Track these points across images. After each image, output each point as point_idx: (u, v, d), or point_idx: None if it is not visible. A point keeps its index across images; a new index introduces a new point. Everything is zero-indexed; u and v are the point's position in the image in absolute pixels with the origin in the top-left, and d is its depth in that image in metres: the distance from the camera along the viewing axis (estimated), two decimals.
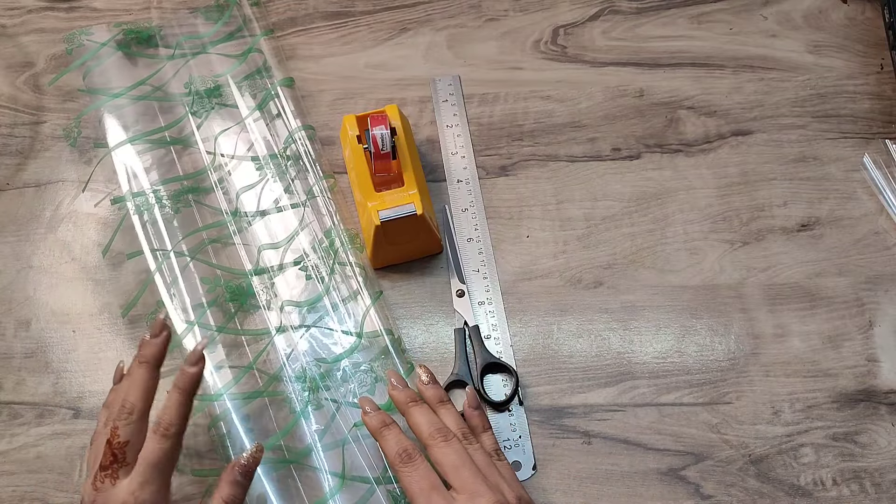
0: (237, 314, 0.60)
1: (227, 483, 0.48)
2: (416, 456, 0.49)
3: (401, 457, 0.49)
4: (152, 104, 0.67)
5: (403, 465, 0.48)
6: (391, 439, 0.50)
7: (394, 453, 0.49)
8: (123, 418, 0.48)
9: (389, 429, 0.51)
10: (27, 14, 0.74)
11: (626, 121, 0.66)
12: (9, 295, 0.63)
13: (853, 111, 0.66)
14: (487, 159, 0.66)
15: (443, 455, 0.49)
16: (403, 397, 0.52)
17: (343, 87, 0.69)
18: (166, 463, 0.48)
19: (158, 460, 0.48)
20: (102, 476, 0.48)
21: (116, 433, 0.48)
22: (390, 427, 0.51)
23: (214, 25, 0.70)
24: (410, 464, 0.48)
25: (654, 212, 0.63)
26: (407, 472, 0.48)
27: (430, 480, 0.48)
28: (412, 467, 0.48)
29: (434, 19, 0.71)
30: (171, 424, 0.48)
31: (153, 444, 0.48)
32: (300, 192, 0.63)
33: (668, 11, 0.70)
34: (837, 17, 0.69)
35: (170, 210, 0.63)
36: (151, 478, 0.47)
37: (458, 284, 0.61)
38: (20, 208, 0.66)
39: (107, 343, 0.61)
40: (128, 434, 0.48)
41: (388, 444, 0.50)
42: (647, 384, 0.58)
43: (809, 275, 0.60)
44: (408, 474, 0.48)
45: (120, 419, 0.48)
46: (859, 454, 0.55)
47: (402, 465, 0.49)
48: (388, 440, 0.50)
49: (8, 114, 0.70)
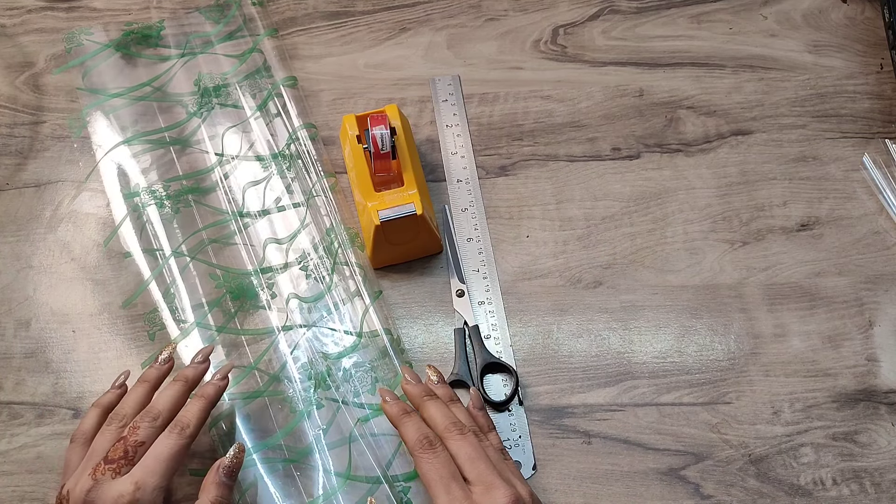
0: (237, 314, 0.60)
1: (212, 484, 0.49)
2: (437, 443, 0.49)
3: (421, 443, 0.49)
4: (152, 104, 0.67)
5: (424, 452, 0.48)
6: (411, 426, 0.50)
7: (414, 440, 0.49)
8: (148, 421, 0.50)
9: (410, 416, 0.51)
10: (27, 14, 0.74)
11: (626, 120, 0.66)
12: (8, 295, 0.63)
13: (853, 111, 0.66)
14: (487, 159, 0.66)
15: (459, 447, 0.49)
16: (418, 391, 0.53)
17: (343, 87, 0.69)
18: (174, 461, 0.49)
19: (169, 456, 0.48)
20: (105, 468, 0.48)
21: (136, 431, 0.49)
22: (411, 415, 0.51)
23: (216, 26, 0.70)
24: (432, 450, 0.48)
25: (653, 212, 0.63)
26: (428, 458, 0.48)
27: (451, 469, 0.48)
28: (434, 454, 0.48)
29: (434, 19, 0.71)
30: (189, 426, 0.50)
31: (168, 440, 0.49)
32: (301, 191, 0.63)
33: (668, 11, 0.70)
34: (837, 16, 0.69)
35: (170, 210, 0.63)
36: (157, 472, 0.48)
37: (457, 284, 0.61)
38: (20, 208, 0.66)
39: (106, 343, 0.61)
40: (146, 436, 0.49)
41: (408, 430, 0.50)
42: (646, 384, 0.58)
43: (809, 275, 0.60)
44: (428, 461, 0.48)
45: (144, 420, 0.50)
46: (859, 454, 0.55)
47: (422, 451, 0.49)
48: (409, 427, 0.50)
49: (7, 114, 0.69)
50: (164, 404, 0.51)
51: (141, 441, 0.49)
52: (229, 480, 0.50)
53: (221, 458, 0.50)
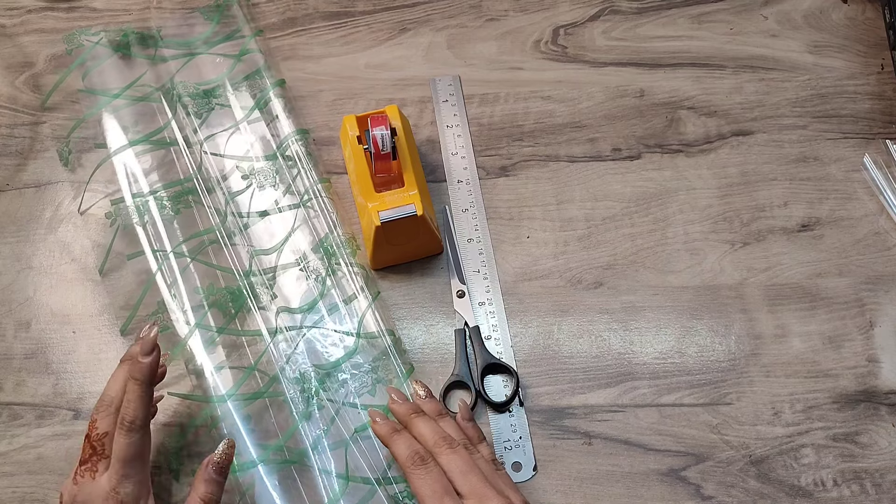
0: (237, 315, 0.60)
1: (202, 481, 0.49)
2: (428, 459, 0.49)
3: (412, 459, 0.49)
4: (152, 105, 0.67)
5: (416, 468, 0.49)
6: (402, 444, 0.50)
7: (405, 456, 0.49)
8: (102, 410, 0.50)
9: (400, 434, 0.51)
10: (27, 14, 0.74)
11: (627, 121, 0.66)
12: (9, 296, 0.63)
13: (854, 111, 0.65)
14: (487, 159, 0.66)
15: (450, 461, 0.49)
16: (405, 410, 0.53)
17: (343, 88, 0.69)
18: (137, 456, 0.49)
19: (130, 455, 0.49)
20: (82, 471, 0.49)
21: (95, 425, 0.49)
22: (401, 433, 0.51)
23: (215, 26, 0.70)
24: (423, 466, 0.49)
25: (654, 212, 0.63)
26: (420, 474, 0.48)
27: (443, 483, 0.48)
28: (425, 470, 0.48)
29: (434, 19, 0.71)
30: (136, 418, 0.49)
31: (121, 439, 0.49)
32: (298, 193, 0.63)
33: (669, 11, 0.70)
34: (838, 17, 0.69)
35: (170, 211, 0.63)
36: (128, 472, 0.48)
37: (458, 285, 0.61)
38: (20, 209, 0.66)
39: (107, 344, 0.61)
40: (106, 425, 0.49)
41: (399, 448, 0.50)
42: (647, 385, 0.58)
43: (810, 275, 0.60)
44: (420, 477, 0.48)
45: (99, 411, 0.50)
46: (860, 455, 0.55)
47: (414, 468, 0.49)
48: (399, 444, 0.50)
49: (7, 114, 0.69)
50: (114, 389, 0.51)
51: (104, 432, 0.49)
52: (219, 477, 0.50)
53: (211, 455, 0.50)
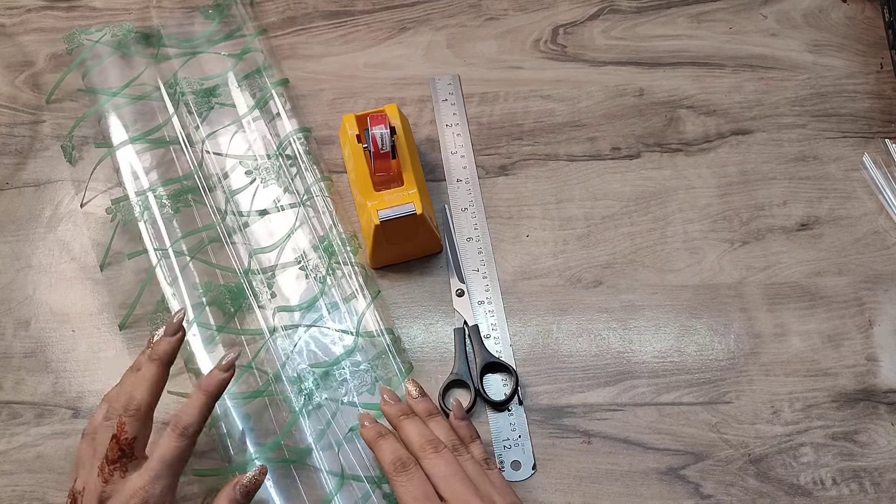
0: (237, 314, 0.60)
1: (226, 500, 0.49)
2: (410, 465, 0.49)
3: (395, 465, 0.49)
4: (150, 104, 0.67)
5: (398, 475, 0.49)
6: (386, 449, 0.50)
7: (388, 462, 0.49)
8: (131, 414, 0.49)
9: (385, 438, 0.51)
10: (26, 13, 0.74)
11: (626, 120, 0.66)
12: (8, 294, 0.63)
13: (853, 110, 0.65)
14: (487, 159, 0.66)
15: (433, 466, 0.49)
16: (395, 411, 0.53)
17: (342, 87, 0.69)
18: (179, 462, 0.49)
19: (173, 459, 0.48)
20: (111, 469, 0.48)
21: (124, 429, 0.49)
22: (386, 437, 0.51)
23: (215, 25, 0.70)
24: (405, 473, 0.49)
25: (653, 211, 0.63)
26: (401, 481, 0.48)
27: (424, 490, 0.48)
28: (406, 477, 0.48)
29: (434, 18, 0.71)
30: (190, 425, 0.49)
31: (170, 441, 0.49)
32: (298, 192, 0.63)
33: (668, 10, 0.70)
34: (837, 16, 0.69)
35: (169, 210, 0.63)
36: (164, 474, 0.48)
37: (457, 284, 0.61)
38: (19, 208, 0.66)
39: (106, 342, 0.61)
40: (135, 430, 0.49)
41: (383, 453, 0.50)
42: (646, 384, 0.58)
43: (809, 274, 0.60)
44: (402, 483, 0.48)
45: (127, 415, 0.49)
46: (859, 454, 0.55)
47: (396, 474, 0.49)
48: (384, 449, 0.50)
49: (7, 113, 0.69)
50: (142, 392, 0.50)
51: (132, 437, 0.49)
52: (244, 500, 0.49)
53: (241, 476, 0.49)
